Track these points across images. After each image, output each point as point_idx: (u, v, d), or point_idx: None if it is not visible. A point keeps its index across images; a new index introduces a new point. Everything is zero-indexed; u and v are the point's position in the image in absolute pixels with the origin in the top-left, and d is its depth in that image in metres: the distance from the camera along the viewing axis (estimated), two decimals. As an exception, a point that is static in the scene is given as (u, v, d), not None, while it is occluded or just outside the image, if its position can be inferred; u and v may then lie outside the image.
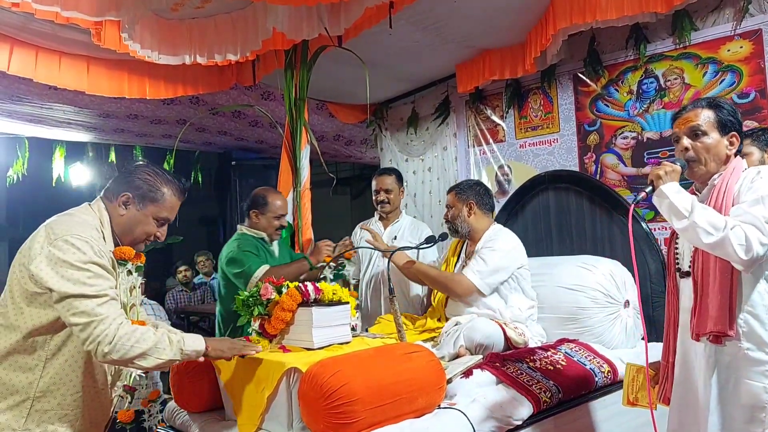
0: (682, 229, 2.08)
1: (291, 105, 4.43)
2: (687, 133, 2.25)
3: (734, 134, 2.25)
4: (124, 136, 6.31)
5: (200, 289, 7.15)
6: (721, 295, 2.10)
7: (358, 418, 2.26)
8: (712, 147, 2.22)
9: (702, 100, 2.32)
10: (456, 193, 3.56)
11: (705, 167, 2.23)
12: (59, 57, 4.22)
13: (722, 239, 1.99)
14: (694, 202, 2.08)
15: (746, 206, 2.08)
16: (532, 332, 3.34)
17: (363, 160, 7.63)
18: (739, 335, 2.10)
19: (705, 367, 2.16)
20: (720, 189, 2.18)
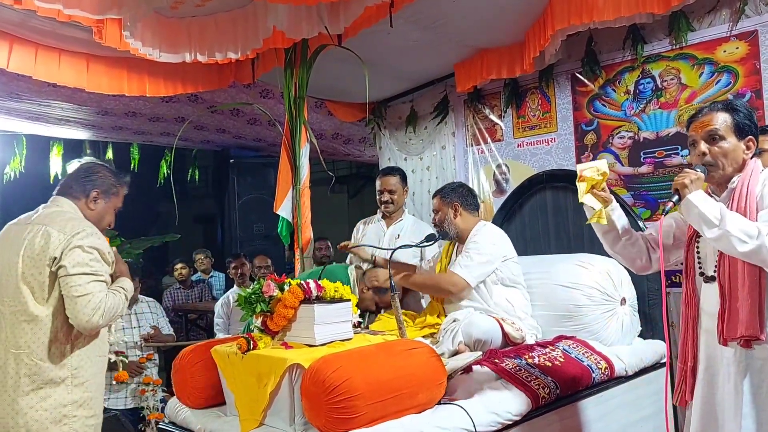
0: (715, 238, 2.06)
1: (290, 103, 4.46)
2: (704, 137, 2.23)
3: (751, 138, 2.24)
4: (122, 133, 6.31)
5: (197, 287, 7.15)
6: (750, 299, 2.09)
7: (359, 414, 2.29)
8: (730, 152, 2.21)
9: (718, 103, 2.30)
10: (440, 197, 3.63)
11: (723, 172, 2.22)
12: (59, 54, 4.23)
13: (759, 247, 1.98)
14: (722, 209, 2.07)
15: None
16: (526, 326, 3.37)
17: (361, 158, 7.65)
18: None
19: (735, 371, 2.15)
20: (741, 193, 2.17)
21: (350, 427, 2.29)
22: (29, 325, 2.28)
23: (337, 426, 2.28)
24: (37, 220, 2.39)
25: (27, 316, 2.27)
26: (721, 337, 2.16)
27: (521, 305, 3.45)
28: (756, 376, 2.12)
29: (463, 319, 3.13)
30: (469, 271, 3.35)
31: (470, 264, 3.36)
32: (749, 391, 2.11)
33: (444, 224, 3.57)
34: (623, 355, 3.37)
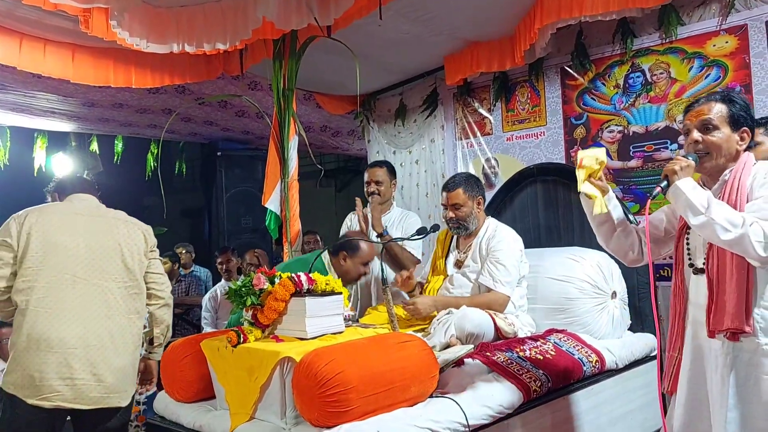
0: (699, 225, 2.07)
1: (279, 95, 4.42)
2: (698, 126, 2.24)
3: (746, 130, 2.23)
4: (108, 125, 6.24)
5: (185, 281, 7.10)
6: (737, 291, 2.10)
7: (352, 407, 2.28)
8: (723, 142, 2.21)
9: (716, 93, 2.31)
10: (464, 189, 3.44)
11: (715, 161, 2.22)
12: (44, 44, 4.16)
13: (741, 236, 1.99)
14: (710, 198, 2.07)
15: (762, 202, 2.08)
16: (522, 322, 3.38)
17: (350, 151, 7.62)
18: (757, 331, 2.09)
19: (723, 364, 2.15)
20: (732, 185, 2.17)
21: (342, 420, 2.27)
22: (139, 296, 2.85)
23: (330, 419, 2.27)
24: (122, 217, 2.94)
25: (138, 289, 2.83)
26: (709, 329, 2.17)
27: (520, 302, 3.45)
28: (743, 368, 2.12)
29: (457, 313, 3.12)
30: (511, 287, 3.33)
31: (510, 280, 3.33)
32: (736, 383, 2.12)
33: (468, 219, 3.46)
34: (614, 348, 3.38)
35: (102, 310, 2.69)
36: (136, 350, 2.81)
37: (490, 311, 3.22)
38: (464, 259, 3.50)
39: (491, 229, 3.49)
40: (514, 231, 3.53)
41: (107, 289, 2.73)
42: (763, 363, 2.09)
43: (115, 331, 2.70)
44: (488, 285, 3.32)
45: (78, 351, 2.59)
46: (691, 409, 2.25)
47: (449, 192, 3.47)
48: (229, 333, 2.66)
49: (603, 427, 3.16)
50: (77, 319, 2.63)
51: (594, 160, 2.35)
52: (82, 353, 2.60)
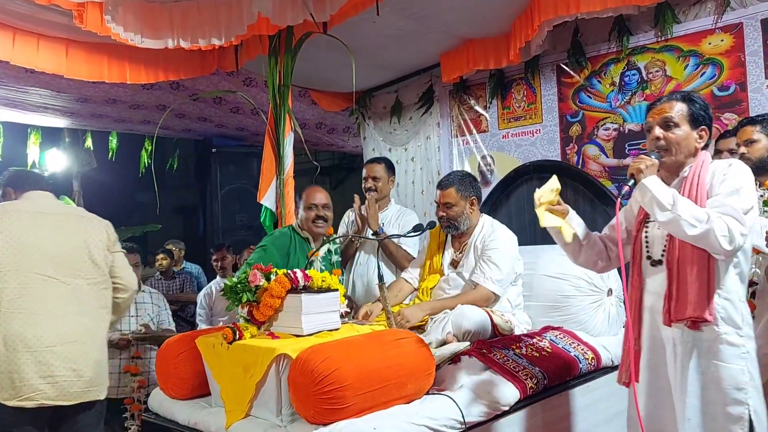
0: (666, 221, 2.14)
1: (274, 92, 4.40)
2: (659, 123, 2.32)
3: (704, 128, 2.33)
4: (101, 121, 6.20)
5: (179, 278, 7.07)
6: (699, 281, 2.17)
7: (348, 404, 2.27)
8: (683, 139, 2.29)
9: (677, 93, 2.40)
10: (457, 189, 3.41)
11: (674, 157, 2.30)
12: (37, 39, 4.13)
13: (707, 231, 2.07)
14: (675, 195, 2.15)
15: (723, 198, 2.15)
16: (518, 320, 3.37)
17: (345, 148, 7.60)
18: (717, 320, 2.17)
19: (682, 352, 2.22)
20: (692, 181, 2.25)
21: (339, 417, 2.26)
22: (107, 291, 2.92)
23: (326, 416, 2.26)
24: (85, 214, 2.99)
25: (105, 284, 2.91)
26: (668, 318, 2.24)
27: (516, 300, 3.45)
28: (703, 356, 2.20)
29: (453, 310, 3.11)
30: (501, 285, 3.31)
31: (501, 278, 3.31)
32: (696, 371, 2.20)
33: (460, 219, 3.42)
34: (609, 345, 3.37)
35: (75, 307, 2.75)
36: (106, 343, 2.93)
37: (487, 308, 3.21)
38: (460, 259, 3.49)
39: (486, 227, 3.48)
40: (509, 229, 3.52)
41: (77, 286, 2.78)
42: (722, 351, 2.17)
43: (90, 326, 2.79)
44: (476, 281, 3.32)
45: (56, 348, 2.65)
46: (654, 398, 2.31)
47: (442, 190, 3.46)
48: (224, 330, 2.65)
49: (599, 424, 3.16)
50: (52, 318, 2.67)
51: (549, 192, 2.41)
52: (61, 350, 2.66)
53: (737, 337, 2.18)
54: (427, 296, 3.51)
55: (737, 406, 2.15)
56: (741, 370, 2.17)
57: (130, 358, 4.26)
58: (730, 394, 2.16)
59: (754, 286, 2.85)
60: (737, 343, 2.18)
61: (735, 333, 2.18)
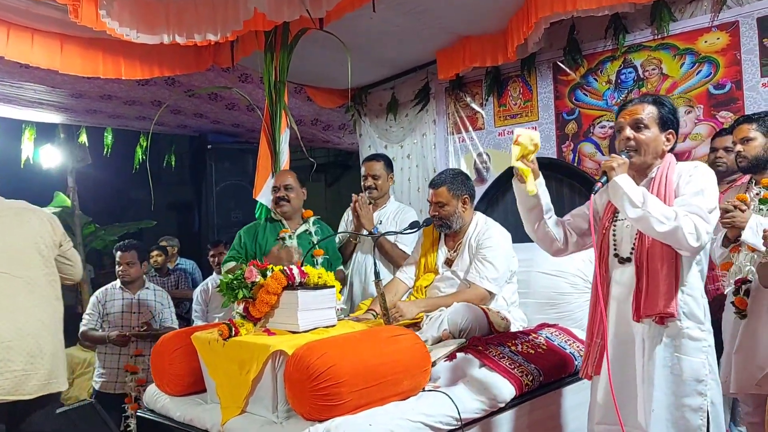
0: (636, 218, 2.22)
1: (270, 88, 4.39)
2: (630, 124, 2.40)
3: (672, 131, 2.43)
4: (96, 117, 6.17)
5: (174, 275, 7.06)
6: (668, 278, 2.28)
7: (344, 400, 2.27)
8: (652, 141, 2.39)
9: (649, 95, 2.53)
10: (449, 188, 3.41)
11: (643, 158, 2.39)
12: (32, 34, 4.11)
13: (675, 228, 2.16)
14: (645, 193, 2.23)
15: (689, 197, 2.26)
16: (514, 317, 3.38)
17: (341, 146, 7.59)
18: (680, 315, 2.29)
19: (649, 346, 2.32)
20: (660, 181, 2.35)
21: (334, 414, 2.26)
22: (57, 282, 2.98)
23: (322, 413, 2.26)
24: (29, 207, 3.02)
25: (54, 276, 2.97)
26: (636, 314, 2.34)
27: (512, 298, 3.45)
28: (667, 350, 2.31)
29: (449, 307, 3.11)
30: (496, 283, 3.32)
31: (497, 276, 3.31)
32: (661, 364, 2.30)
33: (452, 218, 3.41)
34: (604, 342, 3.38)
35: (29, 301, 2.80)
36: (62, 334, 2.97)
37: (482, 306, 3.21)
38: (455, 258, 3.49)
39: (480, 225, 3.47)
40: (506, 227, 3.52)
41: (30, 279, 2.83)
42: (684, 344, 2.29)
43: (44, 318, 2.83)
44: (472, 280, 3.32)
45: (14, 343, 2.68)
46: (620, 390, 2.35)
47: (434, 189, 3.46)
48: (220, 326, 2.65)
49: (593, 421, 3.17)
50: (7, 312, 2.71)
51: (529, 140, 2.41)
52: (18, 344, 2.69)
53: (699, 332, 2.31)
54: (422, 295, 3.50)
55: (697, 397, 2.28)
56: (702, 363, 2.29)
57: (130, 355, 4.26)
58: (691, 386, 2.28)
59: (748, 284, 2.86)
60: (699, 337, 2.30)
61: (697, 327, 2.31)
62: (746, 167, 3.02)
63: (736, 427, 3.61)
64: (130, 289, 4.46)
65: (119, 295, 4.44)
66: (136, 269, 4.45)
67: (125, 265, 4.42)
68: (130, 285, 4.46)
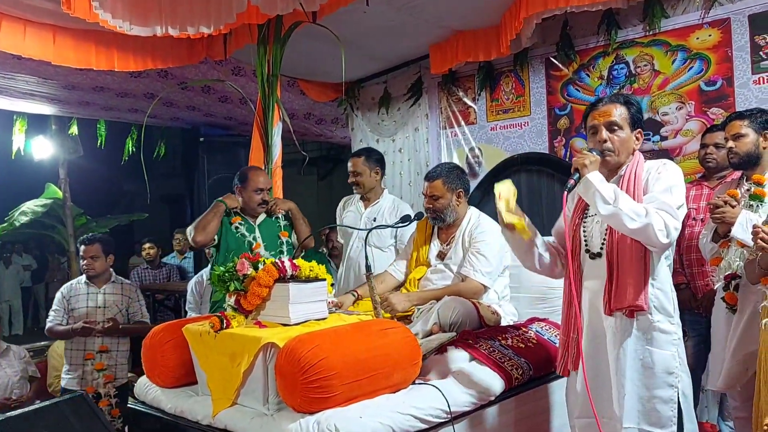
0: (608, 215, 2.25)
1: (263, 81, 4.38)
2: (605, 125, 2.44)
3: (640, 130, 2.49)
4: (88, 109, 6.15)
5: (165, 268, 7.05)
6: (636, 272, 2.33)
7: (335, 393, 2.28)
8: (625, 141, 2.44)
9: (619, 95, 2.56)
10: (444, 181, 3.41)
11: (618, 158, 2.44)
12: (24, 25, 4.09)
13: (645, 225, 2.20)
14: (616, 190, 2.26)
15: (657, 194, 2.31)
16: (505, 311, 3.39)
17: (333, 139, 7.59)
18: (651, 309, 2.34)
19: (620, 340, 2.36)
20: (629, 179, 2.40)
21: (325, 406, 2.28)
22: None
23: (312, 405, 2.27)
24: None
25: None
26: (608, 308, 2.38)
27: (503, 292, 3.47)
28: (639, 342, 2.35)
29: (440, 301, 3.13)
30: (490, 277, 3.33)
31: (491, 270, 3.33)
32: (632, 357, 2.35)
33: (446, 211, 3.42)
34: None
35: None
36: None
37: (473, 299, 3.23)
38: (447, 251, 3.50)
39: (473, 220, 3.49)
40: (497, 222, 3.53)
41: None
42: (655, 337, 2.34)
43: None
44: (466, 274, 3.33)
45: None
46: (595, 383, 2.40)
47: (429, 182, 3.47)
48: (211, 318, 2.65)
49: (582, 414, 3.20)
50: None
51: (509, 191, 2.49)
52: None
53: (669, 325, 2.36)
54: (414, 287, 3.52)
55: (668, 388, 2.33)
56: (672, 355, 2.35)
57: (96, 351, 4.16)
58: (662, 378, 2.33)
59: (738, 279, 2.88)
60: (669, 330, 2.35)
61: (667, 321, 2.36)
62: (737, 163, 3.04)
63: (724, 421, 3.64)
64: (96, 283, 4.30)
65: (84, 290, 4.29)
66: (101, 263, 4.28)
67: (89, 259, 4.25)
68: (96, 279, 4.31)
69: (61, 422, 3.10)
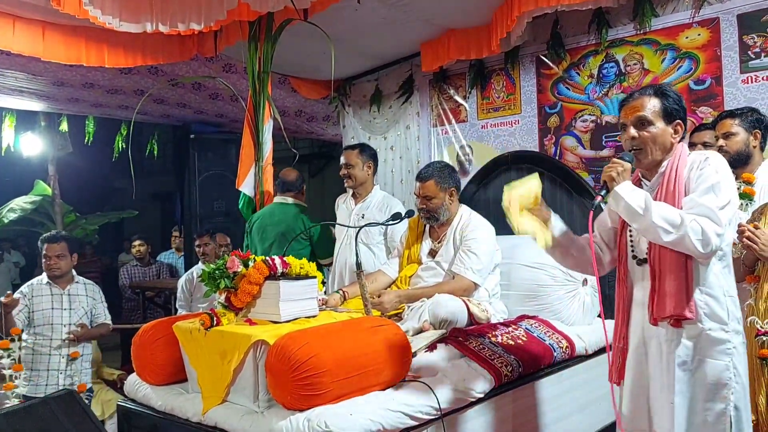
0: (642, 229, 2.15)
1: (254, 78, 4.39)
2: (633, 122, 2.27)
3: (679, 122, 2.29)
4: (78, 105, 6.13)
5: (155, 265, 7.04)
6: (677, 280, 2.16)
7: (325, 390, 2.28)
8: (658, 136, 2.26)
9: (649, 87, 2.35)
10: (436, 181, 3.41)
11: (651, 156, 2.27)
12: (13, 21, 4.08)
13: (681, 237, 2.07)
14: (647, 199, 2.12)
15: (697, 196, 2.14)
16: (495, 309, 3.40)
17: (324, 137, 7.58)
18: (701, 317, 2.17)
19: (667, 350, 2.22)
20: (670, 176, 2.23)
21: (316, 403, 2.28)
22: None
23: (303, 402, 2.27)
24: None
25: None
26: (652, 317, 2.23)
27: (494, 290, 3.48)
28: (688, 353, 2.19)
29: (431, 298, 3.14)
30: (480, 275, 3.33)
31: (481, 268, 3.33)
32: (681, 368, 2.19)
33: (439, 211, 3.43)
34: (584, 334, 3.42)
35: None
36: None
37: (464, 297, 3.24)
38: (438, 249, 3.52)
39: (465, 218, 3.50)
40: (487, 219, 3.55)
41: None
42: (707, 347, 2.17)
43: None
44: (457, 271, 3.34)
45: None
46: (635, 397, 2.32)
47: (421, 183, 3.46)
48: (202, 316, 2.65)
49: (572, 411, 3.21)
50: None
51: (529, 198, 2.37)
52: None
53: (722, 333, 2.18)
54: (405, 284, 3.53)
55: (720, 402, 2.16)
56: (726, 366, 2.16)
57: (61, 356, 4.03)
58: (713, 390, 2.17)
59: None
60: (722, 339, 2.17)
61: (720, 329, 2.18)
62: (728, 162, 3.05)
63: None
64: (59, 283, 4.11)
65: (47, 290, 4.09)
66: (67, 262, 4.11)
67: (55, 258, 4.06)
68: (59, 279, 4.12)
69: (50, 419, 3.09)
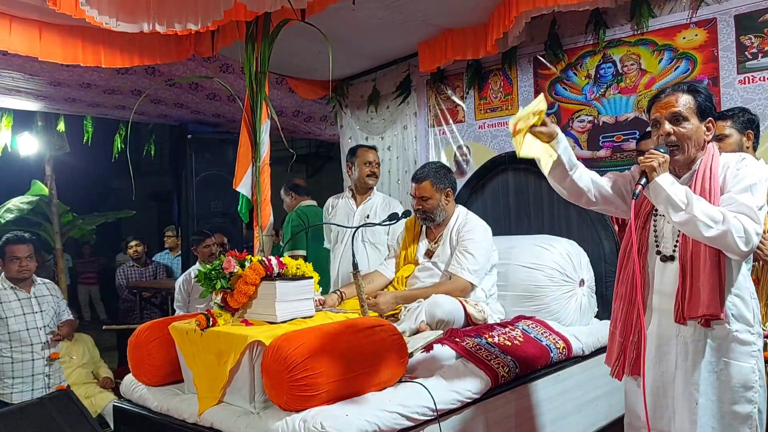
0: (681, 222, 2.09)
1: (251, 78, 4.36)
2: (668, 118, 2.23)
3: (711, 120, 2.26)
4: (75, 105, 6.10)
5: (152, 265, 7.03)
6: (711, 279, 2.13)
7: (321, 391, 2.28)
8: (693, 133, 2.22)
9: (682, 84, 2.32)
10: (432, 182, 3.43)
11: (687, 153, 2.23)
12: (9, 21, 4.05)
13: (724, 233, 2.03)
14: (688, 193, 2.09)
15: (735, 195, 2.12)
16: (492, 309, 3.41)
17: (322, 137, 7.57)
18: (729, 318, 2.16)
19: (693, 350, 2.20)
20: (704, 174, 2.20)
21: (312, 404, 2.28)
22: None
23: (299, 403, 2.27)
24: None
25: None
26: (680, 317, 2.19)
27: (491, 290, 3.48)
28: (714, 354, 2.18)
29: (427, 299, 3.13)
30: (477, 275, 3.34)
31: (478, 268, 3.33)
32: (707, 369, 2.18)
33: (435, 211, 3.45)
34: (581, 335, 3.42)
35: None
36: None
37: (460, 298, 3.24)
38: (435, 249, 3.52)
39: (461, 218, 3.51)
40: (485, 220, 3.56)
41: None
42: (733, 348, 2.16)
43: None
44: (453, 272, 3.34)
45: None
46: (657, 397, 2.29)
47: (417, 184, 3.47)
48: (198, 316, 2.65)
49: (569, 412, 3.21)
50: None
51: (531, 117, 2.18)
52: None
53: (749, 335, 2.17)
54: (402, 285, 3.54)
55: (746, 404, 2.15)
56: (752, 368, 2.16)
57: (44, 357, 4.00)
58: (739, 393, 2.16)
59: None
60: (748, 341, 2.17)
61: (746, 331, 2.17)
62: None
63: None
64: (23, 287, 4.02)
65: (13, 295, 3.95)
66: (35, 263, 4.03)
67: (26, 260, 3.95)
68: (23, 283, 4.00)
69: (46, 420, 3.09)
